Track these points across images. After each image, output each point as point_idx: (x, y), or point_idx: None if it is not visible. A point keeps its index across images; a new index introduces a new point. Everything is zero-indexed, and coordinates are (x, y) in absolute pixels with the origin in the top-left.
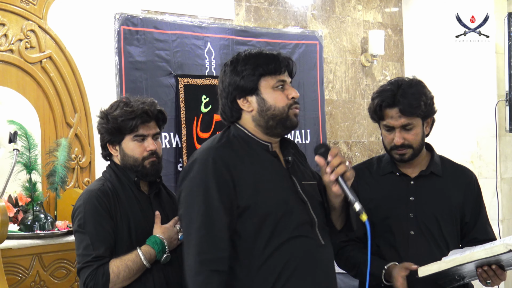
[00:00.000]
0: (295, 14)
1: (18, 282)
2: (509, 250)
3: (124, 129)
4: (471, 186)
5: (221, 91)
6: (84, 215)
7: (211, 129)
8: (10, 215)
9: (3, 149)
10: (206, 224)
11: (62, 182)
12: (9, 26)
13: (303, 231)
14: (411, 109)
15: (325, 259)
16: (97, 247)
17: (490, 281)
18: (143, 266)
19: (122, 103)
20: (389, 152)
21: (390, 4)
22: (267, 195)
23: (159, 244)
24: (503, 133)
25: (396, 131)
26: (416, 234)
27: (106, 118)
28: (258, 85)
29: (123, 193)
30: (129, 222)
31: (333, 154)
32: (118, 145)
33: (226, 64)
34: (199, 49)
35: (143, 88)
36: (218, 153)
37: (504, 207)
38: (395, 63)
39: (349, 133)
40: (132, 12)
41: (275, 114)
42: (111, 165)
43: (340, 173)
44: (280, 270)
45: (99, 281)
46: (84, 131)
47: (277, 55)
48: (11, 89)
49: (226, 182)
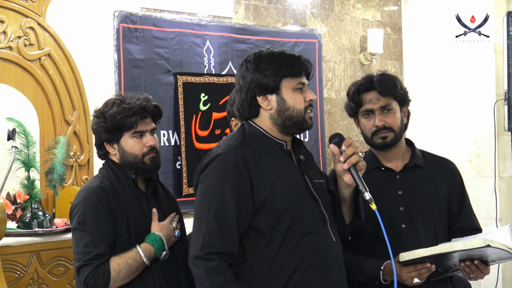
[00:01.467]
0: (294, 12)
1: (16, 279)
2: (487, 245)
3: (123, 126)
4: (454, 176)
5: (241, 86)
6: (83, 213)
7: (209, 127)
8: (9, 212)
9: (1, 146)
10: (218, 218)
11: (60, 179)
12: (8, 23)
13: (316, 228)
14: (388, 88)
15: (337, 255)
16: (97, 244)
17: (474, 275)
18: (143, 263)
19: (118, 100)
20: (370, 140)
21: (389, 2)
22: (284, 192)
23: (159, 242)
24: (502, 132)
25: (376, 115)
26: (408, 227)
27: (103, 117)
28: (279, 85)
29: (121, 190)
30: (128, 220)
31: (348, 144)
32: (116, 143)
33: (248, 60)
34: (198, 47)
35: (142, 85)
36: (239, 151)
37: (503, 206)
38: (394, 62)
39: (348, 131)
40: (131, 10)
41: (292, 115)
42: (108, 162)
43: (353, 163)
44: (295, 266)
45: (100, 279)
46: (82, 129)
47: (299, 57)
48: (9, 86)
49: (244, 180)
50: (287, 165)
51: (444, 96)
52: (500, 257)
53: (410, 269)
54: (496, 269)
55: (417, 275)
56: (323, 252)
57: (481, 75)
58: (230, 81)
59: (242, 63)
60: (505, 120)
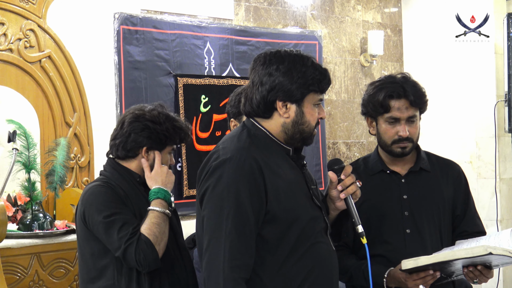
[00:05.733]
0: (294, 14)
1: (16, 281)
2: (489, 253)
3: (172, 141)
4: (459, 179)
5: (263, 83)
6: (104, 205)
7: (210, 129)
8: (9, 214)
9: (2, 148)
10: (237, 229)
11: (61, 181)
12: (8, 25)
13: (320, 237)
14: (420, 99)
15: (336, 264)
16: (129, 224)
17: (477, 280)
18: (164, 216)
19: (170, 114)
20: (389, 147)
21: (389, 4)
22: (296, 200)
23: (160, 192)
24: (502, 133)
25: (401, 123)
26: (413, 232)
27: (160, 124)
28: (305, 97)
29: (130, 190)
30: (142, 217)
31: (347, 173)
32: (153, 152)
33: (280, 59)
34: (198, 48)
35: (142, 88)
36: (251, 155)
37: (503, 208)
38: (394, 63)
39: (348, 133)
40: (132, 12)
41: (305, 130)
42: (113, 164)
43: (350, 193)
44: (303, 276)
45: (146, 249)
46: (83, 131)
47: (327, 72)
48: (10, 88)
49: (259, 186)
50: (294, 171)
51: (444, 97)
52: (504, 262)
53: (415, 277)
54: (496, 270)
55: (422, 283)
56: (327, 262)
57: (481, 76)
58: (231, 83)
59: (270, 58)
60: (506, 121)
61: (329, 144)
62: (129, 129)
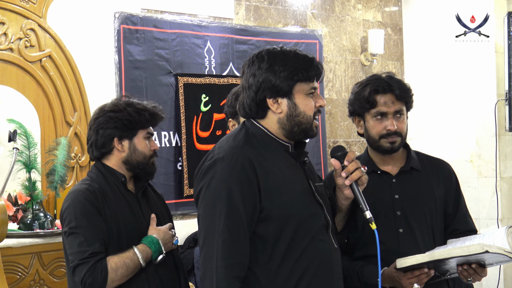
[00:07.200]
0: (294, 13)
1: (17, 280)
2: (486, 251)
3: (140, 122)
4: (450, 178)
5: (250, 85)
6: (74, 215)
7: (210, 128)
8: (10, 213)
9: (2, 147)
10: (230, 227)
11: (61, 181)
12: (8, 25)
13: (320, 235)
14: (405, 93)
15: (338, 262)
16: (92, 243)
17: (471, 278)
18: (139, 264)
19: (130, 100)
20: (377, 142)
21: (389, 3)
22: (291, 197)
23: (156, 244)
24: (503, 132)
25: (389, 118)
26: (405, 231)
27: (120, 111)
28: (293, 89)
29: (111, 192)
30: (119, 221)
31: (350, 159)
32: (128, 140)
33: (261, 58)
34: (198, 48)
35: (142, 87)
36: (245, 154)
37: (504, 207)
38: (394, 62)
39: (349, 132)
40: (132, 11)
41: (302, 122)
42: (98, 165)
43: (355, 179)
44: (301, 274)
45: (98, 277)
46: (83, 130)
47: (313, 60)
48: (10, 87)
49: (251, 184)
50: (293, 168)
51: (445, 96)
52: (498, 261)
53: (409, 276)
54: (497, 269)
55: (417, 281)
56: (327, 260)
57: (482, 75)
58: (231, 82)
59: (253, 60)
60: (506, 120)
61: (329, 143)
62: (95, 126)
